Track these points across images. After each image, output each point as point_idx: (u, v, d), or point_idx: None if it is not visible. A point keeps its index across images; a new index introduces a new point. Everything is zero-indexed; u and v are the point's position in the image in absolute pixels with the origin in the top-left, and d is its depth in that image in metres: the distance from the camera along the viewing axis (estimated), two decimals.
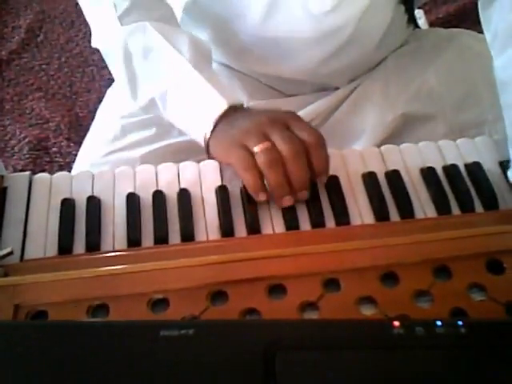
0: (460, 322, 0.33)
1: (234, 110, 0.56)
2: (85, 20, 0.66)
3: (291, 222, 0.51)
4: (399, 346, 0.32)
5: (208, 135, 0.56)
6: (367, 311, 0.44)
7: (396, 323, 0.33)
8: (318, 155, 0.52)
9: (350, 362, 0.32)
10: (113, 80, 0.82)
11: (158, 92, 0.59)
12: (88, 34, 1.58)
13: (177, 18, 0.67)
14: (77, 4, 0.68)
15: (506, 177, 0.56)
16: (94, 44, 0.66)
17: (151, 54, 0.60)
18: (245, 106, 0.58)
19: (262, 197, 0.51)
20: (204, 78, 0.57)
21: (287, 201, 0.51)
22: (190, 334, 0.31)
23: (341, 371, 0.31)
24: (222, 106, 0.55)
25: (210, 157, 0.57)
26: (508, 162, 0.56)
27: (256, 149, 0.51)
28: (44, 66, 1.56)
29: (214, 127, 0.55)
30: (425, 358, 0.32)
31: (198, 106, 0.57)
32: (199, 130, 0.56)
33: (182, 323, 0.36)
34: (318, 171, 0.52)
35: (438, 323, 0.33)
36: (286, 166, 0.50)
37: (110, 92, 0.83)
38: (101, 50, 0.65)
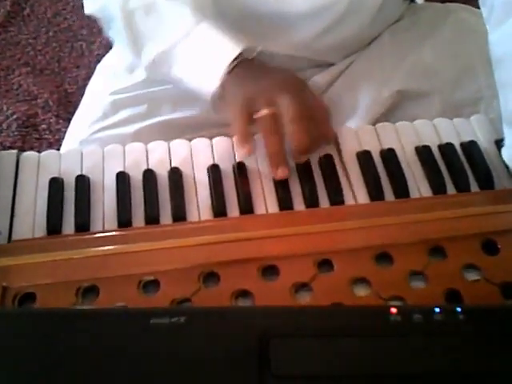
0: (458, 309, 0.32)
1: (247, 62, 0.55)
2: None
3: (285, 202, 0.51)
4: (396, 333, 0.32)
5: (220, 82, 0.54)
6: (361, 292, 0.43)
7: (393, 310, 0.32)
8: (324, 124, 0.53)
9: (346, 349, 0.31)
10: (102, 55, 0.80)
11: (165, 47, 0.58)
12: (76, 7, 1.54)
13: None
14: None
15: (501, 156, 0.55)
16: (87, 11, 0.64)
17: (153, 9, 0.58)
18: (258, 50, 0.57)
19: (244, 149, 0.51)
20: (213, 27, 0.56)
21: (281, 172, 0.51)
22: (182, 322, 0.31)
23: (336, 358, 0.31)
24: (236, 49, 0.54)
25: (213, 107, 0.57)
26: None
27: (258, 115, 0.51)
28: (31, 41, 1.52)
29: (229, 72, 0.54)
30: (422, 345, 0.31)
31: (210, 55, 0.56)
32: (211, 77, 0.55)
33: (172, 310, 0.35)
34: (325, 139, 0.54)
35: (436, 310, 0.32)
36: (285, 130, 0.50)
37: (99, 68, 0.81)
38: (96, 15, 0.64)
